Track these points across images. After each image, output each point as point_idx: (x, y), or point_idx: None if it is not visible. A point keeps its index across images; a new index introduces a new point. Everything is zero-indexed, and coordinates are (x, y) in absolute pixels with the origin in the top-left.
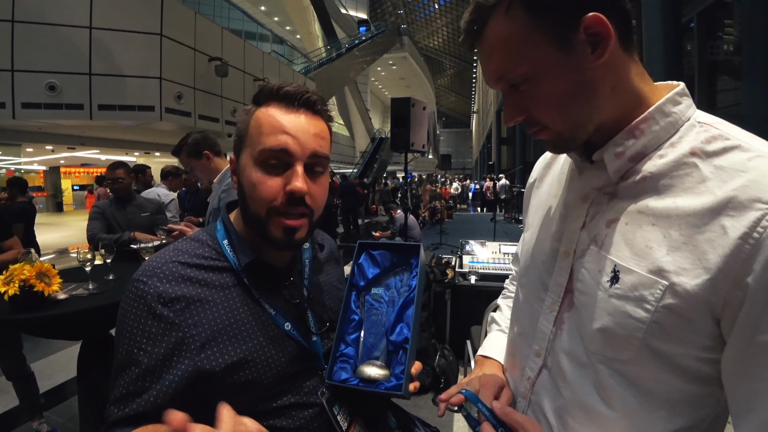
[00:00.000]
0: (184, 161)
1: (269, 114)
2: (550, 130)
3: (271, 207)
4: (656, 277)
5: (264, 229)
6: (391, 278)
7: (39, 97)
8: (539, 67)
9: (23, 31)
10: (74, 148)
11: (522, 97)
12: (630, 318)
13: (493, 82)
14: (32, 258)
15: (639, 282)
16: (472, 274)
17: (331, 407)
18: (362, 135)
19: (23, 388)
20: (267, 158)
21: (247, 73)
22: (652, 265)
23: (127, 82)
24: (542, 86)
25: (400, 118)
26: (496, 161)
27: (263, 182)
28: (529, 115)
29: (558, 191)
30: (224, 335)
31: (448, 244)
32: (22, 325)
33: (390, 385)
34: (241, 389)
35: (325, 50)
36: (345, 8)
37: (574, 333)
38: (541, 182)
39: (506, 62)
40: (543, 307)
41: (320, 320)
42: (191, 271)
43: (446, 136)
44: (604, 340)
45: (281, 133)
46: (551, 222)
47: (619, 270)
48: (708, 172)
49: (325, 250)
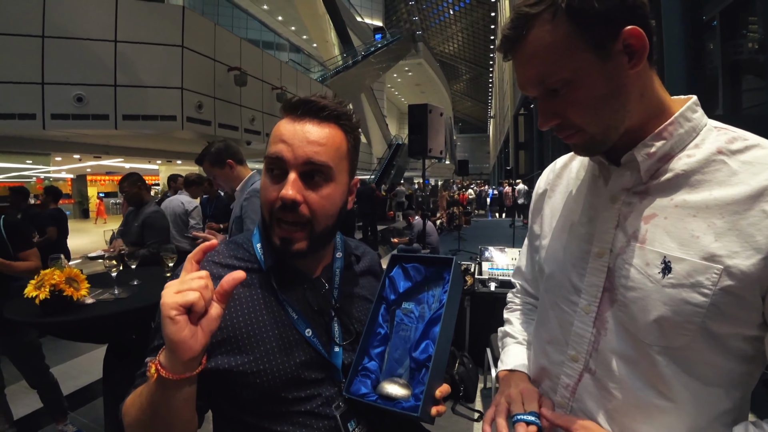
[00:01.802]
0: (208, 170)
1: (279, 124)
2: (583, 133)
3: (271, 211)
4: (710, 263)
5: (269, 235)
6: (423, 293)
7: (67, 108)
8: (579, 72)
9: (52, 45)
10: (100, 156)
11: (559, 102)
12: (688, 304)
13: (532, 87)
14: (61, 263)
15: (693, 269)
16: (491, 281)
17: (345, 422)
18: (379, 141)
19: (46, 396)
20: (268, 166)
21: (265, 82)
22: (703, 252)
23: (150, 92)
24: (581, 91)
25: (417, 124)
26: (514, 166)
27: (266, 188)
28: (565, 118)
29: (578, 197)
30: (241, 332)
31: (466, 250)
32: (52, 328)
33: (407, 405)
34: (249, 386)
35: (341, 58)
36: (360, 16)
37: (621, 330)
38: (553, 192)
39: (548, 67)
40: (577, 310)
41: (346, 331)
42: (223, 270)
43: (463, 141)
44: (660, 329)
45: (279, 142)
46: (577, 226)
47: (669, 261)
48: (736, 166)
49: (363, 262)
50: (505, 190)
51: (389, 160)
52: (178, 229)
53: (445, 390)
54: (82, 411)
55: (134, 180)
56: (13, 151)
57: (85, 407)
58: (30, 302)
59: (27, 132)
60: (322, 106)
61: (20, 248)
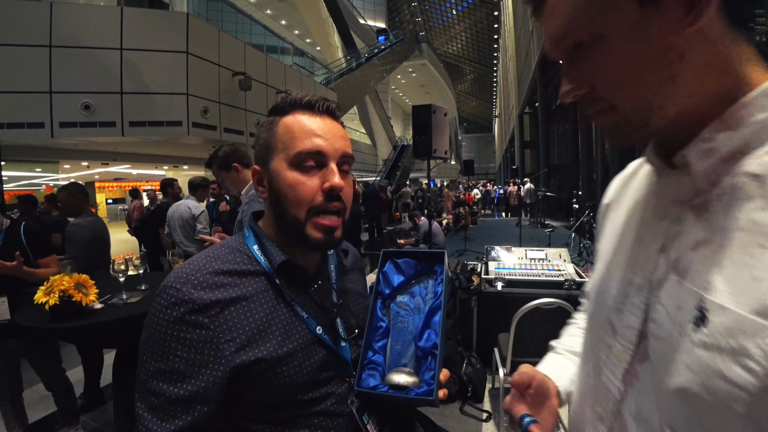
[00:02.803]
0: (216, 173)
1: (297, 120)
2: (615, 110)
3: (311, 207)
4: (767, 321)
5: (302, 232)
6: (415, 286)
7: (75, 116)
8: (614, 24)
9: (60, 55)
10: (108, 163)
11: (587, 65)
12: (722, 380)
13: (554, 45)
14: (70, 269)
15: (737, 326)
16: (498, 281)
17: (360, 416)
18: (384, 143)
19: (62, 399)
20: (303, 160)
21: (269, 86)
22: (760, 304)
23: (156, 99)
24: (615, 50)
25: (421, 125)
26: (520, 165)
27: (302, 182)
28: (593, 88)
29: (636, 210)
30: (258, 339)
31: (473, 250)
32: (62, 334)
33: (420, 391)
34: (265, 392)
35: (345, 61)
36: (363, 18)
37: (648, 392)
38: (618, 203)
39: (574, 15)
40: (610, 356)
41: (348, 326)
42: (224, 277)
43: (468, 141)
44: (683, 406)
45: (314, 136)
46: (625, 248)
47: (706, 308)
48: None
49: (350, 257)
50: (510, 189)
51: (394, 162)
52: (185, 233)
53: (447, 374)
54: (92, 415)
55: (73, 191)
56: (23, 159)
57: (95, 411)
58: (41, 308)
59: (36, 140)
60: (334, 105)
61: (40, 254)
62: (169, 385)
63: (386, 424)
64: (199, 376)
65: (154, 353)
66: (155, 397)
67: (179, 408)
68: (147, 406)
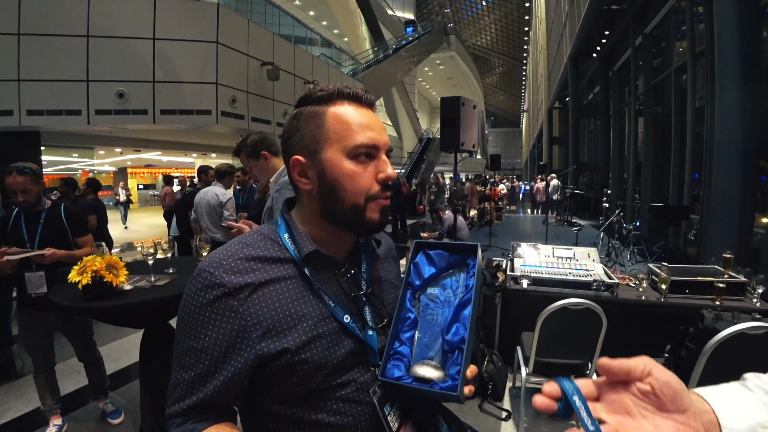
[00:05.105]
0: (244, 161)
1: (348, 112)
2: None
3: (369, 195)
4: None
5: (361, 216)
6: (447, 278)
7: (109, 104)
8: None
9: (96, 44)
10: (139, 150)
11: None
12: None
13: None
14: (103, 251)
15: None
16: (523, 278)
17: (382, 407)
18: (410, 135)
19: (93, 371)
20: (360, 153)
21: (297, 77)
22: None
23: (186, 88)
24: None
25: (449, 117)
26: (548, 161)
27: (361, 174)
28: None
29: None
30: (285, 325)
31: (497, 246)
32: (92, 312)
33: (445, 385)
34: (290, 377)
35: (373, 52)
36: (391, 9)
37: None
38: None
39: None
40: None
41: (377, 315)
42: (254, 263)
43: (495, 135)
44: None
45: (368, 130)
46: None
47: None
48: None
49: (383, 246)
50: (537, 185)
51: (420, 155)
52: (212, 220)
53: (474, 370)
54: (120, 392)
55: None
56: (61, 145)
57: (122, 388)
58: (74, 287)
59: (73, 127)
60: (373, 97)
61: (78, 234)
62: (199, 361)
63: (409, 417)
64: (227, 358)
65: (187, 331)
66: (186, 371)
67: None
68: (178, 380)
